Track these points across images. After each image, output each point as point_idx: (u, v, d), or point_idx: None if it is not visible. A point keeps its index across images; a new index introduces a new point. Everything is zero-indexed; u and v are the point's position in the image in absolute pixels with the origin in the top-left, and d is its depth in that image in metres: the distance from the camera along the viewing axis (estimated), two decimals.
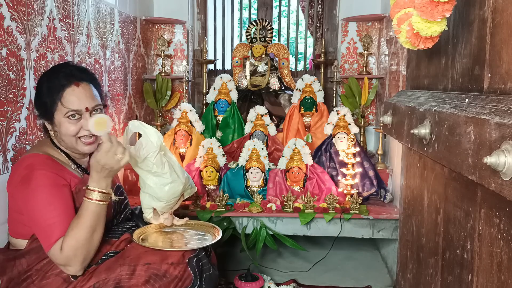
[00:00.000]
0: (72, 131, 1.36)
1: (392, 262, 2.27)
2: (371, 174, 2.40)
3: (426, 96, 1.22)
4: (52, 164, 1.34)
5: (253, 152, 2.39)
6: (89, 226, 1.27)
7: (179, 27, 3.16)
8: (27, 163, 1.31)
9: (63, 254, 1.25)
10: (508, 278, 0.79)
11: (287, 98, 2.96)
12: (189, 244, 1.50)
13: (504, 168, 0.67)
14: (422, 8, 0.95)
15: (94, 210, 1.29)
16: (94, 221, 1.28)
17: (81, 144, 1.40)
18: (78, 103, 1.36)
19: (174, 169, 1.55)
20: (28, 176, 1.28)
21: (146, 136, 1.47)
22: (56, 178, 1.31)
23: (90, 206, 1.29)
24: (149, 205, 1.57)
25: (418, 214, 1.38)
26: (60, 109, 1.35)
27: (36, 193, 1.27)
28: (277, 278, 2.22)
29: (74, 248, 1.25)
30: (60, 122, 1.36)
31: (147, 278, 1.31)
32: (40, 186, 1.28)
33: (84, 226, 1.27)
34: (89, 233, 1.27)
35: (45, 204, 1.27)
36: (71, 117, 1.35)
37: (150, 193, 1.53)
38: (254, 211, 2.17)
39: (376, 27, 3.05)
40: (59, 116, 1.36)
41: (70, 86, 1.36)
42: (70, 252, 1.25)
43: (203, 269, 1.43)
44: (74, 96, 1.36)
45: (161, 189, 1.51)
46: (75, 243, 1.25)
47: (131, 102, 2.77)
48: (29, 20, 1.60)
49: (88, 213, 1.28)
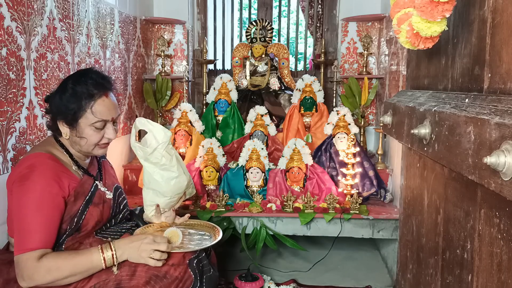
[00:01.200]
0: (95, 140, 1.40)
1: (392, 262, 2.27)
2: (371, 174, 2.40)
3: (426, 96, 1.22)
4: (54, 165, 1.34)
5: (253, 152, 2.39)
6: (77, 266, 1.27)
7: (179, 27, 3.16)
8: (29, 163, 1.31)
9: (39, 264, 1.23)
10: (508, 278, 0.79)
11: (287, 98, 2.96)
12: (189, 244, 1.50)
13: (504, 168, 0.67)
14: (422, 8, 0.95)
15: (95, 263, 1.29)
16: (84, 269, 1.28)
17: (97, 149, 1.43)
18: (108, 113, 1.40)
19: (180, 164, 1.58)
20: (26, 176, 1.28)
21: (152, 134, 1.50)
22: (52, 185, 1.30)
23: (95, 257, 1.29)
24: (153, 201, 1.58)
25: (418, 214, 1.38)
26: (88, 117, 1.37)
27: (29, 194, 1.27)
28: (277, 278, 2.22)
29: (53, 269, 1.24)
30: (83, 130, 1.38)
31: (147, 279, 1.31)
32: (35, 190, 1.27)
33: (75, 266, 1.27)
34: (72, 272, 1.26)
35: (34, 208, 1.27)
36: (97, 126, 1.38)
37: (156, 188, 1.55)
38: (254, 211, 2.17)
39: (376, 27, 3.05)
40: (84, 123, 1.37)
41: (101, 97, 1.38)
42: (45, 268, 1.23)
43: (203, 270, 1.43)
44: (105, 107, 1.39)
45: (167, 183, 1.53)
46: (56, 266, 1.24)
47: (131, 102, 2.77)
48: (29, 20, 1.60)
49: (88, 260, 1.28)
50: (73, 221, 1.36)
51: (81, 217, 1.38)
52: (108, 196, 1.50)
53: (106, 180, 1.54)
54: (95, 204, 1.42)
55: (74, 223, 1.36)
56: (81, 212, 1.37)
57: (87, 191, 1.41)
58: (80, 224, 1.38)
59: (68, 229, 1.35)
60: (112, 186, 1.55)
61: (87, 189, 1.41)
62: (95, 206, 1.42)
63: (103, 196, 1.47)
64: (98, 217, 1.43)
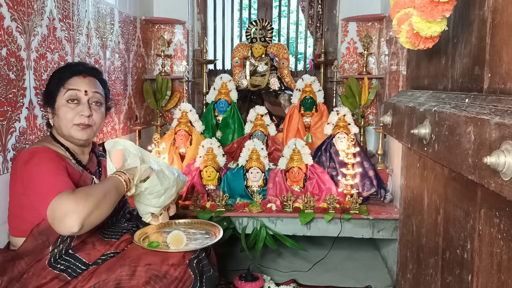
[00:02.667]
0: (69, 116, 1.41)
1: (392, 262, 2.27)
2: (371, 174, 2.40)
3: (426, 96, 1.22)
4: (55, 153, 1.37)
5: (253, 152, 2.39)
6: (107, 188, 1.28)
7: (179, 27, 3.16)
8: (30, 151, 1.34)
9: (73, 196, 1.19)
10: (508, 278, 0.79)
11: (287, 98, 2.96)
12: (189, 244, 1.50)
13: (504, 168, 0.67)
14: (422, 8, 0.95)
15: (116, 183, 1.31)
16: (111, 187, 1.29)
17: (75, 130, 1.43)
18: (79, 85, 1.43)
19: (164, 174, 1.51)
20: (31, 157, 1.31)
21: (127, 150, 1.47)
22: (57, 161, 1.33)
23: (114, 178, 1.32)
24: (146, 211, 1.57)
25: (418, 214, 1.38)
26: (61, 91, 1.41)
27: (41, 166, 1.28)
28: (277, 278, 2.22)
29: (87, 194, 1.21)
30: (59, 106, 1.41)
31: (147, 279, 1.31)
32: (44, 162, 1.29)
33: (104, 187, 1.28)
34: (105, 192, 1.26)
35: (51, 174, 1.27)
36: (70, 101, 1.41)
37: (146, 203, 1.52)
38: (254, 211, 2.17)
39: (376, 27, 3.05)
40: (60, 100, 1.41)
41: (78, 76, 1.44)
42: (82, 194, 1.20)
43: (203, 270, 1.43)
44: (78, 82, 1.44)
45: (157, 201, 1.51)
46: (87, 192, 1.22)
47: (131, 102, 2.77)
48: (29, 20, 1.60)
49: (110, 182, 1.30)
50: None
51: None
52: None
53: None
54: None
55: None
56: None
57: None
58: None
59: None
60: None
61: (87, 184, 1.42)
62: None
63: None
64: None
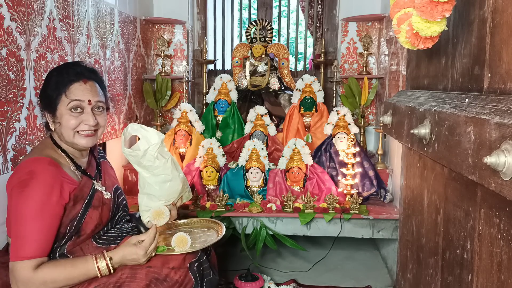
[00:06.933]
0: (72, 124, 1.37)
1: (392, 262, 2.27)
2: (371, 174, 2.40)
3: (426, 96, 1.22)
4: (54, 171, 1.32)
5: (253, 152, 2.39)
6: (73, 277, 1.28)
7: (179, 27, 3.16)
8: (29, 169, 1.29)
9: (35, 275, 1.23)
10: (508, 278, 0.79)
11: (287, 98, 2.96)
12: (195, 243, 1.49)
13: (504, 168, 0.67)
14: (422, 8, 0.95)
15: (89, 271, 1.30)
16: (79, 280, 1.29)
17: (78, 137, 1.39)
18: (82, 95, 1.38)
19: (176, 168, 1.55)
20: (26, 182, 1.27)
21: (145, 139, 1.47)
22: (52, 194, 1.29)
23: (90, 266, 1.30)
24: (147, 205, 1.56)
25: (418, 214, 1.38)
26: (64, 100, 1.36)
27: (28, 202, 1.26)
28: (277, 278, 2.22)
29: (48, 281, 1.24)
30: (62, 114, 1.37)
31: (147, 282, 1.31)
32: (34, 198, 1.26)
33: (70, 277, 1.27)
34: (67, 283, 1.27)
35: (33, 216, 1.26)
36: (73, 109, 1.36)
37: (150, 192, 1.52)
38: (254, 211, 2.17)
39: (376, 27, 3.04)
40: (62, 108, 1.36)
41: (78, 82, 1.38)
42: (40, 280, 1.23)
43: (204, 274, 1.43)
44: (80, 90, 1.38)
45: (161, 187, 1.50)
46: (51, 278, 1.25)
47: (131, 102, 2.77)
48: (29, 20, 1.60)
49: (82, 270, 1.29)
50: (72, 225, 1.34)
51: (80, 220, 1.36)
52: (106, 196, 1.47)
53: (105, 181, 1.52)
54: (94, 207, 1.40)
55: (74, 226, 1.34)
56: (80, 216, 1.36)
57: (86, 195, 1.39)
58: (79, 227, 1.36)
59: (67, 233, 1.34)
60: (111, 186, 1.53)
61: (86, 192, 1.39)
62: (94, 209, 1.40)
63: (102, 198, 1.45)
64: (98, 220, 1.41)
